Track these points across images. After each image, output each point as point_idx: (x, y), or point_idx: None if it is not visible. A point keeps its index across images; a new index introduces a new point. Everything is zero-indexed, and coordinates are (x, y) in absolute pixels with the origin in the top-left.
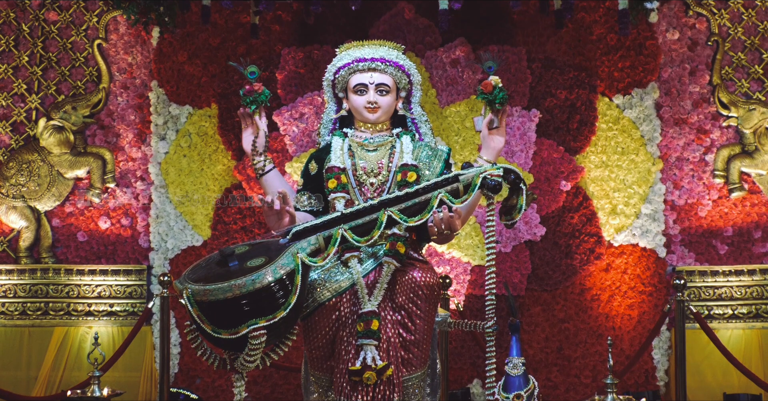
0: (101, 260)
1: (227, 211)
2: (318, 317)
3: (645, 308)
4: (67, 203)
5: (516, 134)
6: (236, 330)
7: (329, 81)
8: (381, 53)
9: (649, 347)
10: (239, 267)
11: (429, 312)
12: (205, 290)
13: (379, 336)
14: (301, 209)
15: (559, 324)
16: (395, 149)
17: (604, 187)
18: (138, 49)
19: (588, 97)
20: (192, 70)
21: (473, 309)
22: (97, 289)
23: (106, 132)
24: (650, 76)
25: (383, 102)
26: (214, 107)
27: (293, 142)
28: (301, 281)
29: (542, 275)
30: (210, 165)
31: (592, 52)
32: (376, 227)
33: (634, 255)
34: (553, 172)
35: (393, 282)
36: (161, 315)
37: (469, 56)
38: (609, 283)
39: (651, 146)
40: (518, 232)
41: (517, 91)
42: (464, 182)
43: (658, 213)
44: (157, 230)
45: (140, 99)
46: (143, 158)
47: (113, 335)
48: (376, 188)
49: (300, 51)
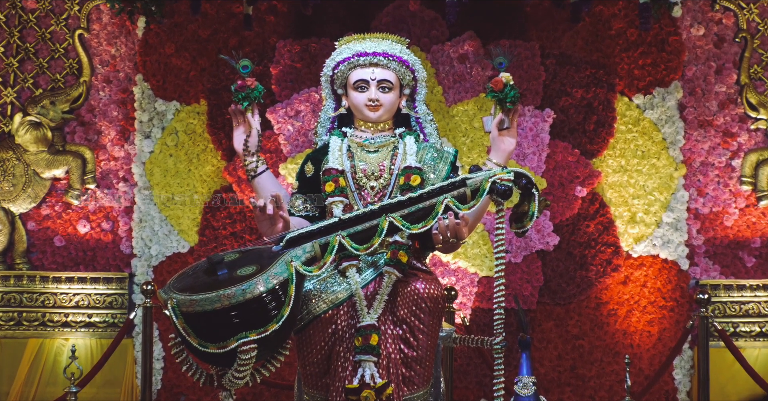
0: (79, 267)
1: (216, 215)
2: (313, 330)
3: (666, 324)
4: (43, 205)
5: (528, 135)
6: (224, 343)
7: (327, 77)
8: (383, 47)
9: (669, 366)
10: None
11: (433, 326)
12: (192, 300)
13: (378, 351)
14: (295, 214)
15: (573, 340)
16: (398, 150)
17: (623, 193)
18: (122, 40)
19: (606, 97)
20: (180, 64)
21: (480, 324)
22: (74, 298)
23: (86, 129)
24: (673, 74)
25: (385, 100)
26: (203, 103)
27: (288, 142)
28: (295, 292)
29: (555, 288)
30: (198, 166)
31: (610, 48)
32: (377, 235)
33: (654, 267)
34: (567, 176)
35: (394, 294)
36: (144, 327)
37: (479, 51)
38: (627, 297)
39: (673, 150)
40: (529, 241)
41: (530, 89)
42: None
43: (681, 222)
44: (140, 235)
45: (124, 94)
46: (126, 157)
47: (91, 348)
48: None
49: (296, 44)
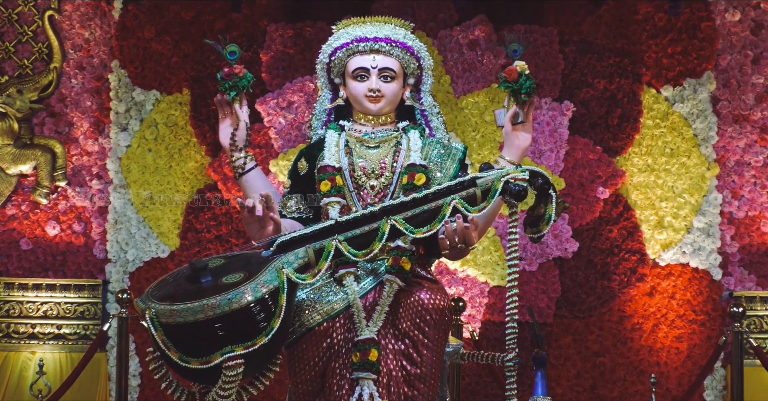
0: (48, 273)
1: (200, 217)
2: (306, 344)
3: (696, 340)
4: (8, 205)
5: (545, 130)
6: (208, 358)
7: (324, 64)
8: (386, 32)
9: (700, 387)
10: (213, 284)
11: (438, 341)
12: (172, 310)
13: (378, 368)
14: (287, 215)
15: (594, 357)
16: (401, 146)
17: (649, 195)
18: (97, 22)
19: (631, 88)
20: (160, 49)
21: (491, 339)
22: (42, 307)
23: (56, 120)
24: (705, 64)
25: (387, 90)
26: (185, 92)
27: (279, 136)
28: (286, 302)
29: (574, 300)
30: (180, 162)
31: (636, 34)
32: (377, 239)
33: (683, 277)
34: (588, 176)
35: (396, 305)
36: (119, 340)
37: (491, 37)
38: (653, 310)
39: (705, 148)
40: (546, 247)
41: (547, 79)
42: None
43: (713, 227)
44: (115, 238)
45: (98, 82)
46: (101, 152)
47: (61, 362)
48: (378, 192)
49: (289, 28)
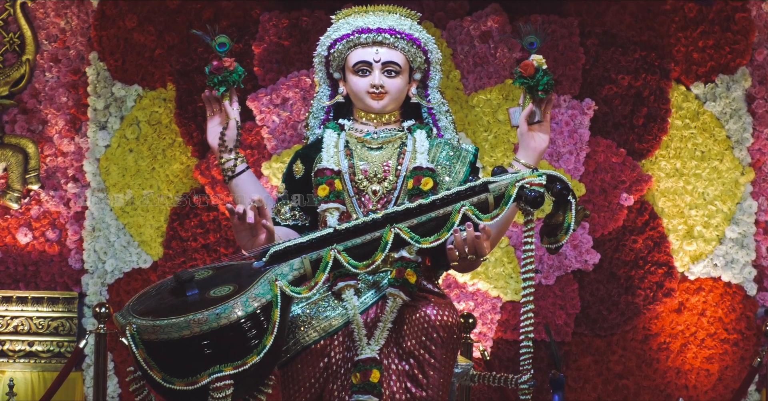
0: (19, 285)
1: (185, 224)
2: (301, 364)
3: (728, 361)
4: None
5: (564, 130)
6: (194, 379)
7: (322, 57)
8: (390, 23)
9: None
10: (200, 298)
11: (446, 361)
12: (155, 326)
13: (380, 390)
14: (281, 222)
15: (616, 380)
16: (406, 147)
17: (678, 202)
18: (73, 10)
19: (658, 85)
20: (143, 40)
21: (503, 359)
22: (12, 322)
23: (29, 118)
24: (740, 59)
25: (392, 86)
26: (170, 87)
27: (273, 135)
28: (279, 318)
29: (595, 316)
30: (164, 163)
31: (664, 26)
32: (380, 249)
33: (715, 292)
34: (611, 181)
35: (400, 321)
36: (96, 358)
37: (505, 28)
38: (682, 328)
39: (740, 151)
40: (564, 259)
41: (567, 75)
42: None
43: (748, 238)
44: (92, 246)
45: (75, 76)
46: (77, 152)
47: (33, 382)
48: (380, 197)
49: (284, 17)
